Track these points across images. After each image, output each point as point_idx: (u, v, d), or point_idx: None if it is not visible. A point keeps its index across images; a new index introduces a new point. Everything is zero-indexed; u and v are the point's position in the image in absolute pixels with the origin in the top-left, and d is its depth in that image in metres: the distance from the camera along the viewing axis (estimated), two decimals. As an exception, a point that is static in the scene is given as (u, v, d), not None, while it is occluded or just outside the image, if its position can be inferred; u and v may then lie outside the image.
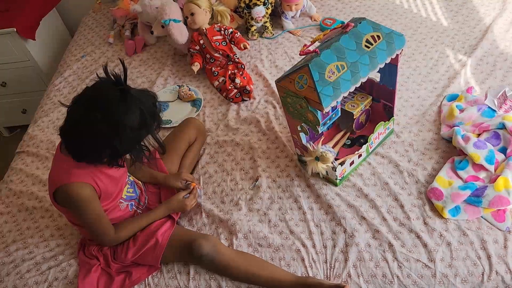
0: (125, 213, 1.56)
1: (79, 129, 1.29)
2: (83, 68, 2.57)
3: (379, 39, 1.50)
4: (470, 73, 2.03)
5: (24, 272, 1.60)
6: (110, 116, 1.25)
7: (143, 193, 1.67)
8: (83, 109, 1.27)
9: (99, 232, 1.46)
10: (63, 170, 1.36)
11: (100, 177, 1.40)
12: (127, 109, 1.27)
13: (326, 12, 2.61)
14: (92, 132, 1.27)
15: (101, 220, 1.44)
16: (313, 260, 1.51)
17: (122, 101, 1.26)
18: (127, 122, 1.27)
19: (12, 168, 2.06)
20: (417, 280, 1.42)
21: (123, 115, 1.26)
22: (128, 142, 1.32)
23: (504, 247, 1.45)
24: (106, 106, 1.26)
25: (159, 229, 1.53)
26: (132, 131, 1.29)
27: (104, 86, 1.30)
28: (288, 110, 1.57)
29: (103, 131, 1.26)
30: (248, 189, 1.75)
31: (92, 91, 1.31)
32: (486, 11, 2.39)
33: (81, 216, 1.42)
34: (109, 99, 1.26)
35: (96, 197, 1.40)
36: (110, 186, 1.45)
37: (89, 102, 1.28)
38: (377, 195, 1.64)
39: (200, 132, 1.93)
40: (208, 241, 1.47)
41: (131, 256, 1.51)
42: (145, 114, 1.30)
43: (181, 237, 1.52)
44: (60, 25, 3.16)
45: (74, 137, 1.32)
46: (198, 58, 2.27)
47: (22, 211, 1.84)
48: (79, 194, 1.35)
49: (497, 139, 1.68)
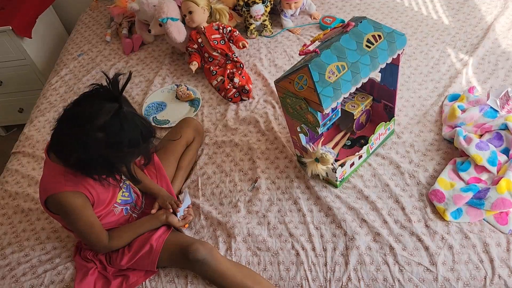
0: (119, 218, 1.54)
1: (68, 142, 1.24)
2: (79, 67, 2.54)
3: (380, 38, 1.48)
4: (471, 73, 2.01)
5: (19, 275, 1.58)
6: (102, 129, 1.20)
7: (139, 197, 1.64)
8: (73, 121, 1.23)
9: (91, 240, 1.44)
10: (54, 178, 1.33)
11: (91, 184, 1.37)
12: (121, 127, 1.21)
13: (326, 10, 2.59)
14: (83, 146, 1.21)
15: (94, 228, 1.41)
16: (313, 263, 1.49)
17: (115, 115, 1.20)
18: (120, 138, 1.22)
19: (7, 169, 2.03)
20: (418, 284, 1.40)
21: (117, 131, 1.21)
22: (119, 158, 1.27)
23: (507, 250, 1.43)
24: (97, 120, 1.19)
25: (154, 234, 1.51)
26: (123, 147, 1.24)
27: (95, 100, 1.24)
28: (287, 111, 1.55)
29: (93, 146, 1.21)
30: (247, 190, 1.73)
31: (82, 105, 1.25)
32: (488, 9, 2.36)
33: (74, 225, 1.39)
34: (101, 112, 1.19)
35: (89, 205, 1.38)
36: (103, 192, 1.42)
37: (78, 114, 1.23)
38: (378, 197, 1.62)
39: (198, 133, 1.90)
40: (204, 246, 1.45)
41: (125, 262, 1.49)
42: (139, 133, 1.25)
43: (177, 242, 1.50)
44: (56, 23, 3.13)
45: (63, 149, 1.28)
46: (196, 57, 2.24)
47: (17, 213, 1.82)
48: (71, 203, 1.32)
49: (500, 140, 1.66)
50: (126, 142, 1.23)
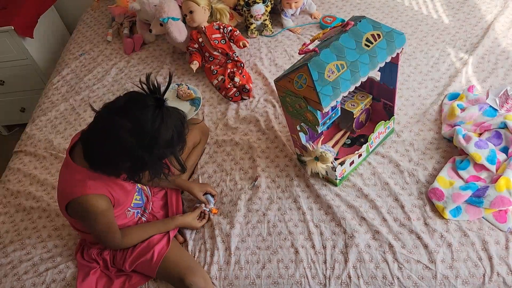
0: (129, 220, 1.54)
1: (103, 136, 1.22)
2: (81, 66, 2.55)
3: (379, 37, 1.48)
4: (471, 72, 2.02)
5: (21, 273, 1.59)
6: (141, 126, 1.19)
7: (149, 200, 1.65)
8: (113, 115, 1.21)
9: (107, 239, 1.45)
10: (78, 181, 1.31)
11: (114, 188, 1.38)
12: (160, 122, 1.20)
13: (326, 10, 2.59)
14: (117, 141, 1.20)
15: (111, 229, 1.42)
16: (312, 261, 1.50)
17: (157, 113, 1.20)
18: (157, 136, 1.21)
19: (9, 168, 2.05)
20: (417, 281, 1.41)
21: (154, 127, 1.20)
22: (151, 158, 1.24)
23: (506, 248, 1.43)
24: (138, 115, 1.19)
25: (157, 244, 1.51)
26: (159, 147, 1.23)
27: (140, 95, 1.24)
28: (287, 110, 1.56)
29: (129, 142, 1.19)
30: (247, 189, 1.74)
31: (125, 99, 1.24)
32: (488, 8, 2.36)
33: (93, 226, 1.39)
34: (143, 109, 1.20)
35: (111, 208, 1.38)
36: (122, 196, 1.43)
37: (120, 109, 1.22)
38: (377, 195, 1.63)
39: (204, 134, 1.92)
40: (199, 280, 1.44)
41: (128, 266, 1.50)
42: (175, 133, 1.25)
43: (176, 263, 1.48)
44: (58, 23, 3.15)
45: (96, 144, 1.25)
46: (197, 56, 2.25)
47: (19, 211, 1.83)
48: (95, 206, 1.31)
49: (499, 138, 1.67)
50: (176, 135, 1.25)
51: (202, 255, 1.57)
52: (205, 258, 1.55)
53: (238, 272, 1.51)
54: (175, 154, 1.31)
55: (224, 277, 1.50)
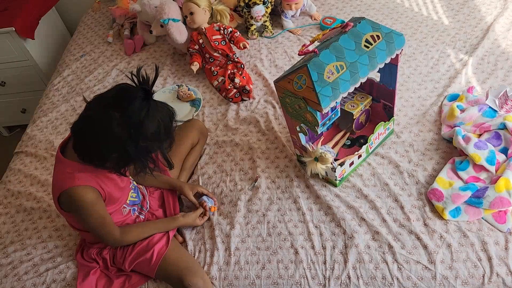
0: (126, 218, 1.55)
1: (92, 126, 1.25)
2: (82, 67, 2.56)
3: (378, 39, 1.49)
4: (471, 73, 2.02)
5: (22, 274, 1.60)
6: (128, 117, 1.22)
7: (145, 198, 1.66)
8: (102, 105, 1.25)
9: (103, 234, 1.45)
10: (67, 174, 1.33)
11: (105, 182, 1.39)
12: (147, 114, 1.23)
13: (326, 11, 2.60)
14: (105, 131, 1.22)
15: (105, 222, 1.42)
16: (312, 262, 1.50)
17: (144, 104, 1.23)
18: (144, 127, 1.24)
19: (10, 169, 2.05)
20: (417, 282, 1.41)
21: (142, 118, 1.22)
22: (137, 150, 1.27)
23: (505, 249, 1.44)
24: (126, 105, 1.22)
25: (157, 243, 1.51)
26: (145, 139, 1.26)
27: (129, 87, 1.27)
28: (287, 110, 1.56)
29: (116, 132, 1.22)
30: (247, 189, 1.74)
31: (115, 91, 1.28)
32: (488, 9, 2.37)
33: (86, 219, 1.40)
34: (131, 100, 1.23)
35: (100, 199, 1.38)
36: (116, 191, 1.44)
37: (109, 100, 1.25)
38: (377, 196, 1.63)
39: (203, 134, 1.92)
40: (199, 281, 1.45)
41: (128, 265, 1.50)
42: (161, 127, 1.27)
43: (176, 263, 1.49)
44: (59, 24, 3.16)
45: (85, 134, 1.27)
46: (198, 57, 2.26)
47: (20, 212, 1.83)
48: (83, 196, 1.33)
49: (498, 139, 1.67)
50: (162, 129, 1.28)
51: (202, 255, 1.57)
52: (205, 259, 1.56)
53: (238, 272, 1.51)
54: (162, 149, 1.34)
55: (224, 278, 1.51)
